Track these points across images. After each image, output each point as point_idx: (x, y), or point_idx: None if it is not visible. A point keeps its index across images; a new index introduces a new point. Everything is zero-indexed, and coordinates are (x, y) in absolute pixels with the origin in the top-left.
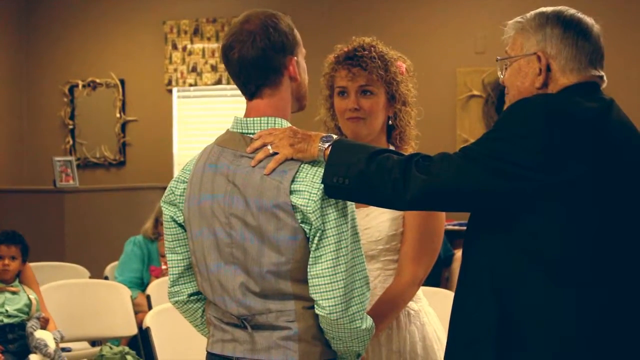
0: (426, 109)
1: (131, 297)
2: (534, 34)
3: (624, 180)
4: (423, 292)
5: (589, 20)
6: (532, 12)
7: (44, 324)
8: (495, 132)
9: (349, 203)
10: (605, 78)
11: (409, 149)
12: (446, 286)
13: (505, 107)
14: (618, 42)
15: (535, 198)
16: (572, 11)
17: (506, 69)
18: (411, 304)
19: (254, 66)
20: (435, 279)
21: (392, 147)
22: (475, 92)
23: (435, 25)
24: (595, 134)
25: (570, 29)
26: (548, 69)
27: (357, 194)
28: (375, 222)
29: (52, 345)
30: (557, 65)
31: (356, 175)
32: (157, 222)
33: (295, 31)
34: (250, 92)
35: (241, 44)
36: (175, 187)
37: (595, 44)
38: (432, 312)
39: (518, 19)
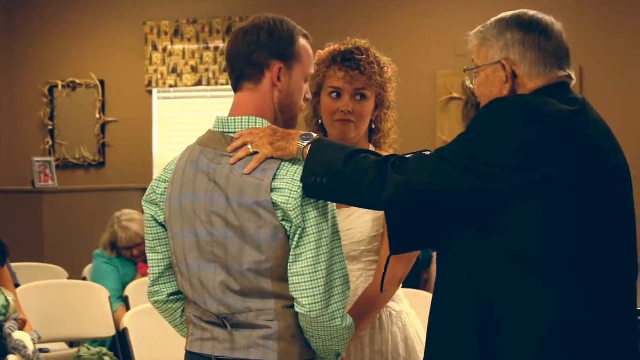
0: (406, 110)
1: (112, 310)
2: (496, 42)
3: (599, 178)
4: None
5: (548, 19)
6: (492, 20)
7: (22, 325)
8: (470, 132)
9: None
10: (573, 76)
11: (390, 152)
12: (425, 288)
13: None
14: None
15: (511, 197)
16: (531, 13)
17: (475, 78)
18: (393, 305)
19: (237, 57)
20: (414, 280)
21: (372, 149)
22: (455, 95)
23: (416, 27)
24: (570, 132)
25: (530, 31)
26: (514, 75)
27: (334, 194)
28: (357, 222)
29: (30, 347)
30: (522, 70)
31: (334, 175)
32: (114, 245)
33: (300, 46)
34: (234, 84)
35: (235, 39)
36: (157, 187)
37: (558, 42)
38: (413, 312)
39: (479, 28)
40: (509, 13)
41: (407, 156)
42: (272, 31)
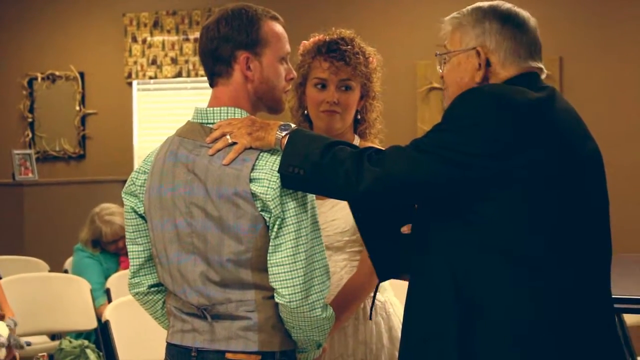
0: (386, 101)
1: (94, 304)
2: (472, 29)
3: (572, 165)
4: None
5: (525, 13)
6: (469, 7)
7: None
8: (445, 122)
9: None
10: (544, 69)
11: (376, 142)
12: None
13: (445, 102)
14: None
15: (488, 186)
16: (507, 5)
17: (445, 63)
18: (377, 295)
19: (205, 55)
20: None
21: (357, 140)
22: (436, 85)
23: (395, 17)
24: (543, 120)
25: (508, 22)
26: (488, 63)
27: (311, 185)
28: (342, 213)
29: (4, 334)
30: (497, 59)
31: (311, 166)
32: (96, 242)
33: (265, 30)
34: (209, 82)
35: (201, 37)
36: (136, 178)
37: (533, 36)
38: (397, 302)
39: (455, 14)
40: (486, 3)
41: (384, 149)
42: (231, 22)
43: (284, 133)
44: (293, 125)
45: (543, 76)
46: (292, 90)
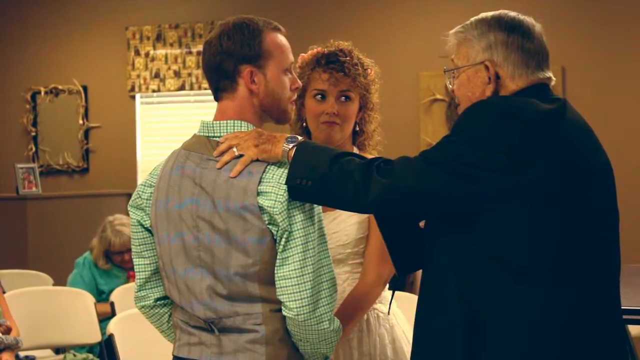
0: (389, 112)
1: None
2: (477, 43)
3: (583, 178)
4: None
5: (529, 20)
6: (473, 20)
7: (5, 331)
8: (454, 135)
9: (315, 204)
10: (553, 77)
11: (374, 153)
12: (411, 290)
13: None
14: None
15: (496, 199)
16: (512, 14)
17: (454, 78)
18: (380, 307)
19: (209, 69)
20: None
21: (356, 151)
22: (439, 96)
23: (398, 29)
24: (553, 133)
25: (513, 33)
26: (497, 76)
27: (319, 197)
28: (343, 225)
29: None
30: (505, 72)
31: (319, 178)
32: (107, 253)
33: (268, 42)
34: (214, 96)
35: (204, 51)
36: (142, 191)
37: (539, 44)
38: (400, 313)
39: (459, 28)
40: (489, 13)
41: (392, 159)
42: (233, 36)
43: (291, 145)
44: (300, 138)
45: (552, 84)
46: None
